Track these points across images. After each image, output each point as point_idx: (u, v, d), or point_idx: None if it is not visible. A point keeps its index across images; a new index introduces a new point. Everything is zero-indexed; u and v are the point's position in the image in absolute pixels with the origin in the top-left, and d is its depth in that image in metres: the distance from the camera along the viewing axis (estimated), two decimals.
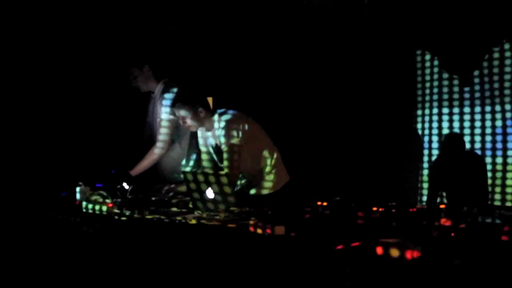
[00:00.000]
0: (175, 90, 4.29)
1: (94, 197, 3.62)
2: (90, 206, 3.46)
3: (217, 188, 3.26)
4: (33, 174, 4.40)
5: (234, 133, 3.91)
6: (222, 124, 3.93)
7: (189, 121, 3.96)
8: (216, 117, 3.99)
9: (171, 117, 4.22)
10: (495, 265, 1.94)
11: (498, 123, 5.39)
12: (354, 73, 5.89)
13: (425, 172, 5.81)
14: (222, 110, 4.05)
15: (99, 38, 4.83)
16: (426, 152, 5.88)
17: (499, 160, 5.38)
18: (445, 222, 2.28)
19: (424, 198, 5.47)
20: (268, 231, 2.51)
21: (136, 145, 4.52)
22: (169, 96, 4.26)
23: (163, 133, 4.25)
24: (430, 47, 5.85)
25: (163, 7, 5.01)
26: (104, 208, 3.36)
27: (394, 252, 2.06)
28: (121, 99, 4.85)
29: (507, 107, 5.33)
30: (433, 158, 5.72)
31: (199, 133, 4.19)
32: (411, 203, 2.72)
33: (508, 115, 5.33)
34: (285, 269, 2.31)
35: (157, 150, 4.25)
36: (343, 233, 2.35)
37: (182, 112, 3.95)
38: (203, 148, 4.20)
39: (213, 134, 4.04)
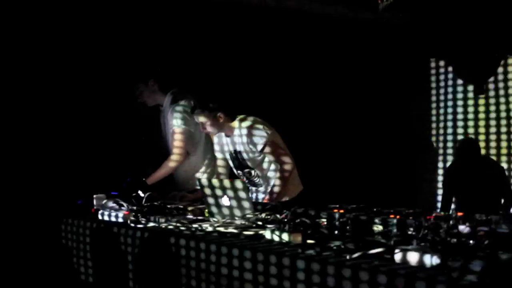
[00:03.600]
0: (182, 101, 4.27)
1: (110, 205, 3.63)
2: (106, 213, 3.47)
3: (233, 195, 3.26)
4: (49, 181, 4.42)
5: (258, 139, 3.92)
6: (244, 131, 3.93)
7: (208, 127, 3.96)
8: (236, 123, 3.98)
9: (184, 127, 4.21)
10: None
11: None
12: (369, 82, 5.89)
13: (440, 178, 5.78)
14: (242, 116, 4.04)
15: (112, 47, 4.85)
16: (440, 158, 5.86)
17: None
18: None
19: (439, 205, 5.44)
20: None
21: (152, 154, 4.54)
22: (179, 108, 4.24)
23: (177, 144, 4.23)
24: (444, 55, 5.85)
25: (165, 19, 5.02)
26: (120, 215, 3.37)
27: (413, 259, 2.05)
28: (137, 109, 4.87)
29: None
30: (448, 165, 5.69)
31: (215, 140, 4.19)
32: (428, 211, 2.71)
33: None
34: (304, 277, 2.30)
35: (173, 162, 4.24)
36: (361, 241, 2.34)
37: (202, 118, 3.94)
38: (218, 155, 4.21)
39: (232, 140, 4.04)
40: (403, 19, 5.67)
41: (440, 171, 5.82)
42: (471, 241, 2.21)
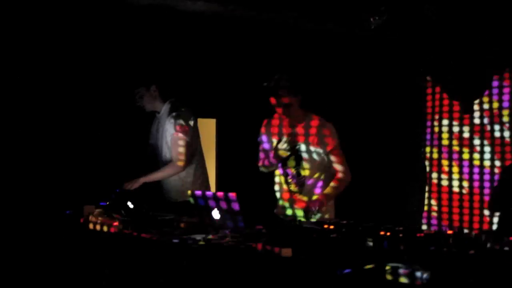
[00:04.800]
0: (183, 109, 4.31)
1: (98, 216, 3.62)
2: (95, 224, 3.46)
3: (225, 208, 3.26)
4: (37, 191, 4.40)
5: (330, 140, 3.85)
6: (317, 128, 3.85)
7: (291, 110, 3.81)
8: (309, 116, 3.91)
9: (184, 136, 4.22)
10: None
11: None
12: (359, 98, 5.92)
13: (434, 202, 5.82)
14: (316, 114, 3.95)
15: (110, 54, 4.86)
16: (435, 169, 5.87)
17: None
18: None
19: (430, 221, 5.48)
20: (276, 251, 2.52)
21: (142, 164, 4.53)
22: (180, 115, 4.26)
23: (180, 152, 4.24)
24: (433, 73, 5.89)
25: (167, 28, 5.06)
26: (109, 226, 3.36)
27: (403, 279, 2.07)
28: (127, 118, 4.87)
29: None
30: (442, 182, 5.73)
31: (272, 122, 4.07)
32: (417, 228, 2.74)
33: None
34: None
35: (174, 168, 4.24)
36: (351, 257, 2.36)
37: (286, 99, 3.78)
38: (276, 143, 3.99)
39: (295, 132, 3.93)
40: (394, 36, 5.72)
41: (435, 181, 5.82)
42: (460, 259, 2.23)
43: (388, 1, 4.91)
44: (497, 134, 5.38)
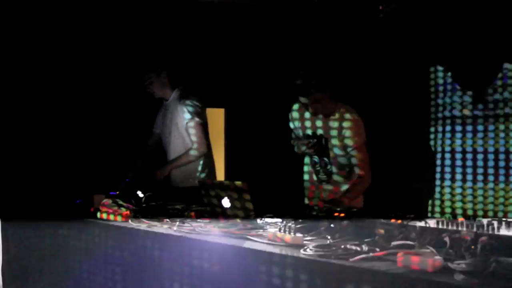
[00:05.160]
0: (194, 98, 4.32)
1: (108, 205, 3.63)
2: (105, 214, 3.47)
3: (234, 196, 3.26)
4: (48, 180, 4.42)
5: (355, 135, 3.72)
6: (347, 123, 3.72)
7: (322, 105, 3.68)
8: (340, 112, 3.76)
9: (199, 120, 4.24)
10: None
11: None
12: (366, 89, 5.89)
13: (437, 189, 5.79)
14: (349, 107, 3.81)
15: (118, 45, 4.86)
16: (438, 169, 5.86)
17: None
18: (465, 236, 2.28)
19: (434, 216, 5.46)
20: (287, 240, 2.52)
21: (152, 153, 4.54)
22: (191, 102, 4.25)
23: (198, 136, 4.24)
24: (443, 62, 5.85)
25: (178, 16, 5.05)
26: (119, 216, 3.37)
27: (415, 263, 2.06)
28: (137, 109, 4.88)
29: None
30: (446, 175, 5.69)
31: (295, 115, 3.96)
32: (429, 216, 2.73)
33: None
34: (304, 279, 2.31)
35: (197, 152, 4.26)
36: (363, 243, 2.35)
37: (317, 96, 3.64)
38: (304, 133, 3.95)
39: (325, 124, 3.82)
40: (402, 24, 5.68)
41: (438, 182, 5.82)
42: (472, 246, 2.22)
43: None
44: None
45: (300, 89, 3.66)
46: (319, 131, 3.85)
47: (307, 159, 4.02)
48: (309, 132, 3.90)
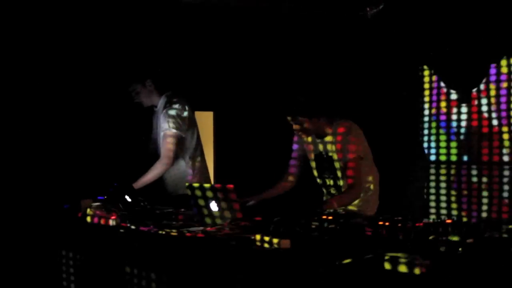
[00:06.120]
0: (176, 105, 4.25)
1: (96, 210, 3.61)
2: (93, 218, 3.45)
3: (222, 200, 3.25)
4: (35, 186, 4.39)
5: (351, 147, 3.65)
6: (346, 136, 3.67)
7: (303, 130, 3.69)
8: (336, 128, 3.73)
9: (175, 131, 4.19)
10: (504, 280, 1.94)
11: None
12: (357, 90, 5.90)
13: (432, 190, 5.81)
14: (344, 120, 3.77)
15: (105, 52, 4.84)
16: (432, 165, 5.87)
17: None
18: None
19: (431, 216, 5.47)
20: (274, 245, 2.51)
21: (140, 158, 4.51)
22: (172, 112, 4.21)
23: (167, 148, 4.20)
24: (431, 62, 5.87)
25: (163, 20, 5.03)
26: (107, 220, 3.35)
27: (403, 267, 2.06)
28: (125, 112, 4.86)
29: None
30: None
31: (300, 139, 3.94)
32: (417, 218, 2.72)
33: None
34: (290, 284, 2.30)
35: (161, 166, 4.21)
36: (350, 247, 2.35)
37: (297, 123, 3.67)
38: (309, 156, 3.93)
39: (323, 142, 3.80)
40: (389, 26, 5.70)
41: (433, 177, 5.82)
42: (459, 249, 2.22)
43: None
44: (494, 122, 5.37)
45: (288, 115, 3.69)
46: (321, 149, 3.83)
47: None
48: (315, 153, 3.89)
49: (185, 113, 4.26)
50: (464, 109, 5.56)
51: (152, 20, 4.96)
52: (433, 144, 5.83)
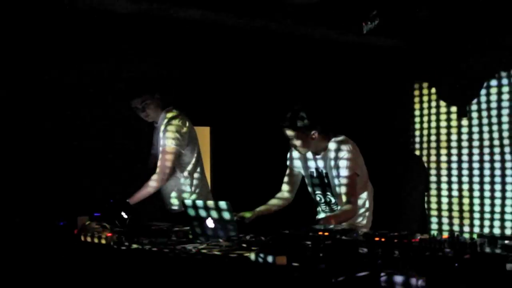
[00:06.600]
0: (176, 120, 4.22)
1: (92, 227, 3.59)
2: (88, 235, 3.44)
3: (218, 217, 3.24)
4: (31, 203, 4.37)
5: (345, 163, 3.59)
6: (343, 153, 3.62)
7: (298, 145, 3.66)
8: (332, 145, 3.68)
9: (175, 147, 4.16)
10: None
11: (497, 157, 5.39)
12: (352, 105, 5.92)
13: (433, 206, 5.81)
14: (341, 137, 3.72)
15: (106, 63, 4.85)
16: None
17: (497, 194, 5.36)
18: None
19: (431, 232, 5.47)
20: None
21: (136, 174, 4.50)
22: (172, 127, 4.19)
23: (164, 164, 4.17)
24: (428, 78, 5.90)
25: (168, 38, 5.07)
26: (103, 237, 3.34)
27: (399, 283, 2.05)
28: (121, 128, 4.85)
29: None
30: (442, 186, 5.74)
31: (295, 154, 3.91)
32: (413, 234, 2.70)
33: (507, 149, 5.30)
34: None
35: (156, 181, 4.19)
36: (346, 263, 2.33)
37: (291, 136, 3.65)
38: (305, 172, 3.90)
39: (321, 158, 3.76)
40: (388, 42, 5.74)
41: (434, 196, 5.83)
42: (456, 264, 2.21)
43: (380, 5, 4.91)
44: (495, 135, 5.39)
45: (284, 131, 3.68)
46: (319, 165, 3.80)
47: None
48: (307, 169, 3.87)
49: (185, 129, 4.23)
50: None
51: (151, 36, 4.97)
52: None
